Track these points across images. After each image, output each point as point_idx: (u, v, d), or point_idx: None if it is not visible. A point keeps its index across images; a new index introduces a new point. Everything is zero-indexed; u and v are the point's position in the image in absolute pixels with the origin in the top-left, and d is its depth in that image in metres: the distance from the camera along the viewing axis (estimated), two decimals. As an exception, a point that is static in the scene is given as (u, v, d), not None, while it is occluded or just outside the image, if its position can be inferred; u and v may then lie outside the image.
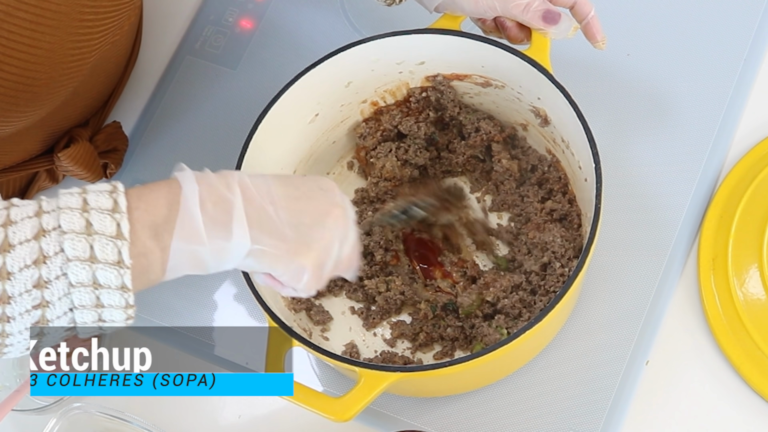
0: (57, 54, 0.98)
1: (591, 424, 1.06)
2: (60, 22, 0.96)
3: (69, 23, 0.97)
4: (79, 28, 0.98)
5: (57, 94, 1.03)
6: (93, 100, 1.17)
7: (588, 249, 0.97)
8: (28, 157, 1.15)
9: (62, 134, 1.15)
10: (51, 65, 0.98)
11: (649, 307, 1.09)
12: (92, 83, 1.12)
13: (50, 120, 1.09)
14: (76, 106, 1.13)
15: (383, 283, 1.11)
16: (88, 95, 1.14)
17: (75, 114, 1.15)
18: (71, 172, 1.16)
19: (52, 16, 0.95)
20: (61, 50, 0.98)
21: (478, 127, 1.14)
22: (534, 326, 0.96)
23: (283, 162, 1.13)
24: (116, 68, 1.19)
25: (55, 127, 1.13)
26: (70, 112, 1.12)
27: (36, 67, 0.97)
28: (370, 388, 0.96)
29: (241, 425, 1.12)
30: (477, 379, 1.07)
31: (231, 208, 0.83)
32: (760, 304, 1.07)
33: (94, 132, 1.18)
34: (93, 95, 1.16)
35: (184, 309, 1.16)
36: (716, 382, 1.07)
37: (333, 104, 1.14)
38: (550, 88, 1.04)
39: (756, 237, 1.09)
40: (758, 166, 1.12)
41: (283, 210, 0.85)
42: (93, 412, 1.06)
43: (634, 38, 1.19)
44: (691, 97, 1.16)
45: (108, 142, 1.18)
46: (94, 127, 1.18)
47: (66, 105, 1.09)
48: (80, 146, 1.14)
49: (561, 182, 1.11)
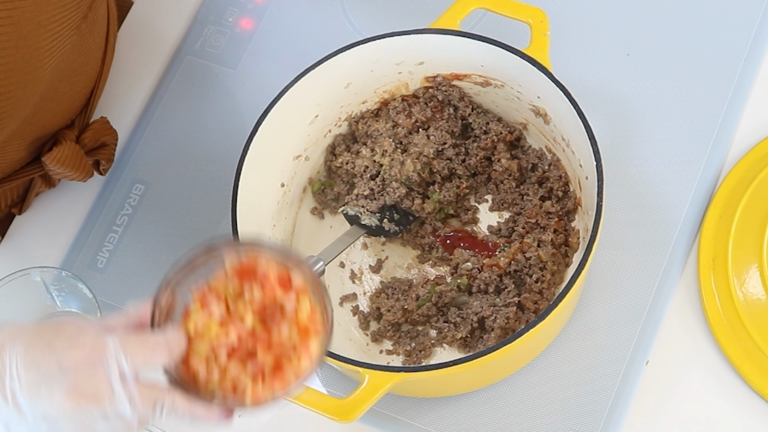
0: (9, 69, 0.97)
1: (591, 424, 1.06)
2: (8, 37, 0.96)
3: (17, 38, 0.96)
4: (26, 39, 0.98)
5: (20, 108, 1.02)
6: (72, 101, 1.15)
7: (590, 247, 0.97)
8: (18, 167, 1.14)
9: (48, 138, 1.14)
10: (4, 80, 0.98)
11: (649, 307, 1.09)
12: (65, 86, 1.11)
13: (29, 129, 1.08)
14: (55, 111, 1.12)
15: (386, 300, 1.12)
16: (65, 98, 1.13)
17: (56, 118, 1.13)
18: (60, 174, 1.15)
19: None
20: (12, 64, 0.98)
21: (488, 129, 1.14)
22: (535, 326, 0.96)
23: (282, 163, 1.13)
24: (89, 66, 1.17)
25: (38, 133, 1.12)
26: (48, 117, 1.11)
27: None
28: (375, 389, 0.96)
29: (241, 425, 1.12)
30: (479, 379, 1.07)
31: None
32: (760, 304, 1.07)
33: (81, 131, 1.16)
34: (70, 96, 1.14)
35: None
36: (716, 382, 1.07)
37: (333, 105, 1.14)
38: (550, 87, 1.04)
39: (756, 237, 1.09)
40: (758, 166, 1.12)
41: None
42: (93, 413, 1.06)
43: (634, 38, 1.19)
44: (691, 97, 1.16)
45: (96, 139, 1.17)
46: (80, 126, 1.17)
47: (42, 111, 1.08)
48: (64, 147, 1.13)
49: (561, 181, 1.12)
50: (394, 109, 1.15)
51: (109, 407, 0.79)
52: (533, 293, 1.07)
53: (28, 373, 0.78)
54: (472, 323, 1.07)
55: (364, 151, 1.14)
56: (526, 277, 1.08)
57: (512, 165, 1.13)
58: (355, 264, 1.16)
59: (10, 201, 1.20)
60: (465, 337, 1.08)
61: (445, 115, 1.14)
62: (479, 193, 1.16)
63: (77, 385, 0.78)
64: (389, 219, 1.13)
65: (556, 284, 1.09)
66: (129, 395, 0.79)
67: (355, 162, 1.14)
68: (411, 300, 1.10)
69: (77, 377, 0.78)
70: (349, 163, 1.14)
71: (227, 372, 0.83)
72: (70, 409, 0.78)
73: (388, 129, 1.15)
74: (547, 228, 1.10)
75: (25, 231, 1.22)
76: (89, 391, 0.78)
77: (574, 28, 1.20)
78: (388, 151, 1.13)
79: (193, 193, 1.21)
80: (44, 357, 0.79)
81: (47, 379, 0.78)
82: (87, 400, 0.78)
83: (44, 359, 0.79)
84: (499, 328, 1.06)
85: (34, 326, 0.81)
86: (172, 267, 0.84)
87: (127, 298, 1.17)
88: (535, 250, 1.08)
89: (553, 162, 1.12)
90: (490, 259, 1.10)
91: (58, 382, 0.78)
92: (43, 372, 0.79)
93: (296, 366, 0.84)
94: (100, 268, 1.19)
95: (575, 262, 1.07)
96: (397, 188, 1.12)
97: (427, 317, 1.10)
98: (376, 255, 1.16)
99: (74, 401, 0.78)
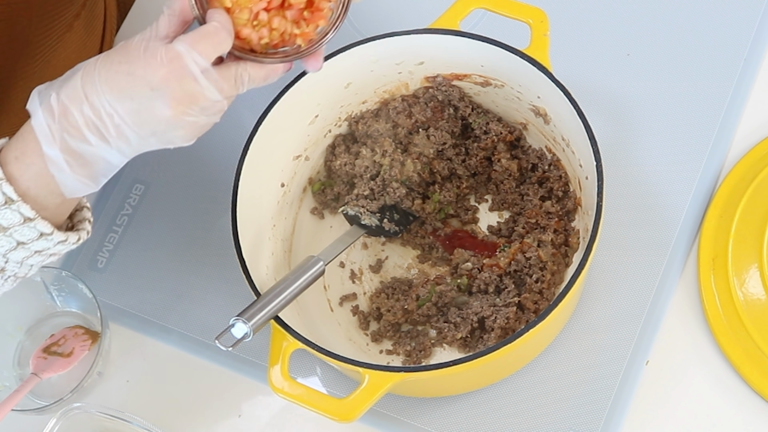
0: (0, 65, 0.98)
1: (591, 424, 1.06)
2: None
3: (9, 34, 0.97)
4: (17, 35, 0.98)
5: (12, 103, 1.02)
6: None
7: (590, 247, 0.97)
8: None
9: None
10: None
11: (649, 307, 1.09)
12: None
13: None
14: None
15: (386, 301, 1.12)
16: None
17: None
18: None
19: None
20: (3, 60, 0.98)
21: (488, 129, 1.14)
22: (535, 326, 0.96)
23: (282, 163, 1.13)
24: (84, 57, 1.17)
25: None
26: None
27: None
28: (375, 389, 0.96)
29: (241, 425, 1.12)
30: (479, 378, 1.07)
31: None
32: (760, 304, 1.07)
33: None
34: None
35: (185, 309, 1.16)
36: (716, 382, 1.07)
37: (333, 105, 1.14)
38: (550, 87, 1.04)
39: (756, 237, 1.09)
40: (758, 166, 1.12)
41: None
42: (93, 412, 1.06)
43: (634, 38, 1.19)
44: (691, 97, 1.16)
45: None
46: None
47: None
48: None
49: (561, 181, 1.11)
50: (394, 110, 1.15)
51: (203, 101, 0.87)
52: (533, 293, 1.07)
53: (123, 105, 0.86)
54: (472, 323, 1.07)
55: (364, 151, 1.14)
56: (526, 277, 1.08)
57: (512, 165, 1.13)
58: (355, 264, 1.16)
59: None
60: (465, 337, 1.08)
61: (445, 116, 1.14)
62: (479, 193, 1.16)
63: (172, 95, 0.86)
64: (389, 219, 1.13)
65: (556, 284, 1.09)
66: (215, 83, 0.87)
67: (355, 163, 1.14)
68: (411, 300, 1.10)
69: (169, 89, 0.86)
70: (349, 164, 1.14)
71: (273, 28, 0.90)
72: (174, 116, 0.87)
73: (388, 129, 1.15)
74: (547, 228, 1.10)
75: (25, 231, 1.22)
76: (184, 96, 0.86)
77: (574, 28, 1.20)
78: (388, 151, 1.13)
79: (193, 193, 1.21)
80: (132, 86, 0.86)
81: (144, 103, 0.86)
82: (185, 104, 0.86)
83: (134, 88, 0.86)
84: (499, 328, 1.06)
85: (102, 64, 0.87)
86: None
87: (127, 298, 1.17)
88: (535, 250, 1.08)
89: (553, 162, 1.12)
90: (490, 259, 1.10)
91: (156, 100, 0.86)
92: (138, 99, 0.86)
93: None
94: (100, 268, 1.19)
95: (575, 262, 1.07)
96: (397, 188, 1.12)
97: (427, 317, 1.10)
98: (376, 255, 1.16)
99: (175, 109, 0.86)
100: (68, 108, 0.86)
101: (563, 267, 1.09)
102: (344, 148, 1.16)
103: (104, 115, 0.86)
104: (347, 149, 1.16)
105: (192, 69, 0.86)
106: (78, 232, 0.93)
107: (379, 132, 1.14)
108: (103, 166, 0.89)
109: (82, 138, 0.87)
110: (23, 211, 0.87)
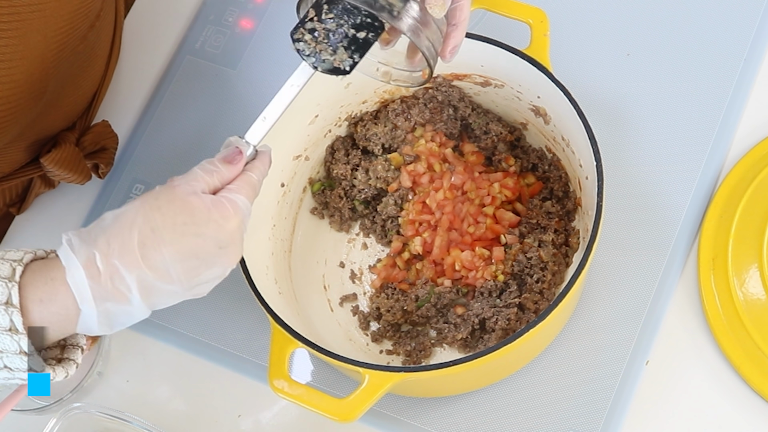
0: (15, 80, 0.98)
1: (591, 424, 1.06)
2: (15, 49, 0.96)
3: (23, 50, 0.97)
4: (32, 50, 0.98)
5: (24, 115, 1.02)
6: (75, 105, 1.16)
7: (590, 247, 0.97)
8: (17, 167, 1.14)
9: (48, 140, 1.14)
10: (9, 90, 0.98)
11: (649, 307, 1.09)
12: (69, 91, 1.11)
13: (30, 131, 1.08)
14: (57, 115, 1.12)
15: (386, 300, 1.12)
16: (68, 102, 1.13)
17: (57, 121, 1.13)
18: (58, 176, 1.15)
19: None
20: (18, 75, 0.98)
21: (488, 129, 1.14)
22: (535, 326, 0.96)
23: (282, 163, 1.13)
24: (94, 70, 1.17)
25: (38, 135, 1.12)
26: (50, 121, 1.11)
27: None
28: (375, 389, 0.96)
29: (241, 425, 1.12)
30: (479, 379, 1.07)
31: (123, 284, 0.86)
32: (760, 304, 1.07)
33: (81, 133, 1.16)
34: (73, 100, 1.14)
35: (185, 309, 1.16)
36: (716, 382, 1.07)
37: (333, 105, 1.14)
38: (550, 87, 1.04)
39: (756, 237, 1.09)
40: (758, 166, 1.12)
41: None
42: (93, 412, 1.06)
43: (634, 38, 1.19)
44: (691, 97, 1.16)
45: (96, 142, 1.17)
46: (81, 129, 1.17)
47: (44, 115, 1.08)
48: (63, 149, 1.13)
49: (561, 181, 1.12)
50: (393, 112, 1.15)
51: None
52: (534, 293, 1.07)
53: (185, 264, 0.86)
54: (473, 324, 1.07)
55: (360, 176, 1.14)
56: (526, 277, 1.08)
57: (513, 165, 1.14)
58: (355, 264, 1.16)
59: (8, 200, 1.20)
60: (465, 338, 1.08)
61: (443, 117, 1.14)
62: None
63: (237, 250, 0.89)
64: (345, 46, 0.95)
65: (557, 284, 1.09)
66: None
67: (353, 182, 1.15)
68: (410, 301, 1.10)
69: (234, 245, 0.88)
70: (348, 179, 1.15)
71: None
72: (228, 268, 0.89)
73: (387, 132, 1.15)
74: (547, 228, 1.10)
75: (24, 231, 1.22)
76: (239, 246, 0.89)
77: (574, 28, 1.20)
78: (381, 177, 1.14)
79: (193, 193, 1.21)
80: (199, 247, 0.87)
81: (207, 261, 0.87)
82: (240, 251, 0.89)
83: (201, 248, 0.87)
84: (501, 330, 1.06)
85: (162, 224, 0.86)
86: None
87: (127, 298, 1.17)
88: (536, 250, 1.08)
89: (553, 162, 1.12)
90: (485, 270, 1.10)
91: (222, 257, 0.88)
92: (202, 257, 0.87)
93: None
94: (100, 268, 1.19)
95: (575, 262, 1.07)
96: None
97: (427, 318, 1.10)
98: (376, 255, 1.16)
99: (234, 262, 0.89)
100: (119, 272, 0.85)
101: (563, 267, 1.09)
102: (344, 152, 1.16)
103: (164, 276, 0.86)
104: (346, 154, 1.16)
105: (247, 218, 0.90)
106: (66, 368, 0.91)
107: (378, 136, 1.15)
108: (129, 319, 0.88)
109: (127, 301, 0.86)
110: (23, 344, 0.85)
